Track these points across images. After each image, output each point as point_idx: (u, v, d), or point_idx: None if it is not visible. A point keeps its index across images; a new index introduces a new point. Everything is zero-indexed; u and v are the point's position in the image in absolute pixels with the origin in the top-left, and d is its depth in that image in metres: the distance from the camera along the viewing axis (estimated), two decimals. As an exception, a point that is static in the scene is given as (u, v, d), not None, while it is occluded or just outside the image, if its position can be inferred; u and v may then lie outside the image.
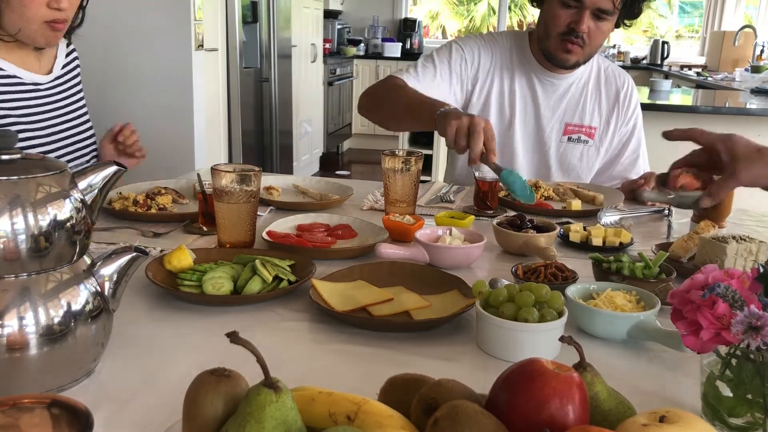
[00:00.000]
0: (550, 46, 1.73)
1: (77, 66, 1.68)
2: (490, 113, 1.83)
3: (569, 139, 1.85)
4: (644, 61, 7.05)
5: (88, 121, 1.67)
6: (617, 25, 1.75)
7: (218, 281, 1.03)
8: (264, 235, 1.25)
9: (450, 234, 1.24)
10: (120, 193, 1.50)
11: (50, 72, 1.57)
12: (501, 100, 1.84)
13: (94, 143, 1.67)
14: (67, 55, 1.63)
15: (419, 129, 1.64)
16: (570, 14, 1.65)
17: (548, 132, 1.84)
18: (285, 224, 1.35)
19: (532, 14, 9.64)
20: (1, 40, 1.40)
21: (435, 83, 1.77)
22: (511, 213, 1.52)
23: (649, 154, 1.93)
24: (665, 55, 6.85)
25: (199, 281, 1.03)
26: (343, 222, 1.38)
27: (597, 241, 1.31)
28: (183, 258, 1.07)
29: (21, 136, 1.46)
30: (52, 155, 1.52)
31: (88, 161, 1.63)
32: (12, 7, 1.32)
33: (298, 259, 1.13)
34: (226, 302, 1.02)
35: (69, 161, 1.57)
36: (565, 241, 1.34)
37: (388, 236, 1.30)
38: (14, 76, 1.47)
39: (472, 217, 1.39)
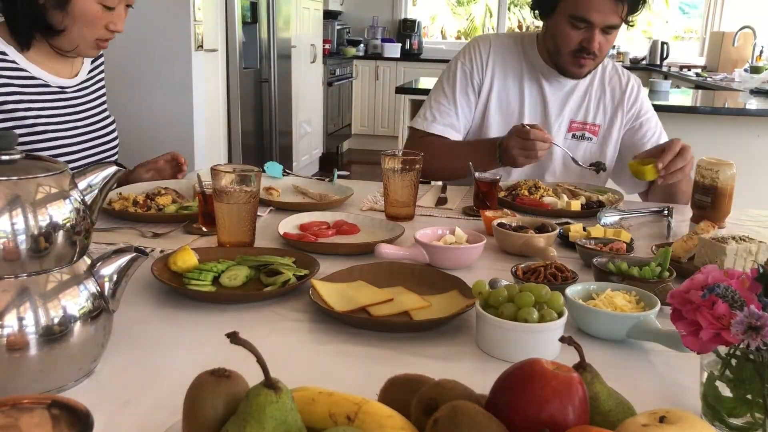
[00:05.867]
0: (562, 62, 1.76)
1: (102, 71, 1.73)
2: (492, 112, 1.87)
3: (573, 136, 1.87)
4: (644, 62, 7.05)
5: (111, 123, 1.71)
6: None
7: (233, 273, 1.07)
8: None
9: (450, 234, 1.24)
10: (120, 193, 1.50)
11: (76, 75, 1.61)
12: (506, 99, 1.87)
13: (117, 146, 1.71)
14: (93, 60, 1.67)
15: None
16: (580, 33, 1.68)
17: (555, 129, 1.86)
18: (290, 223, 1.37)
19: (532, 14, 9.62)
20: (56, 52, 1.51)
21: (456, 117, 1.85)
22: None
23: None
24: (665, 55, 6.86)
25: (207, 279, 1.04)
26: (343, 218, 1.41)
27: (597, 242, 1.31)
28: (188, 258, 1.08)
29: (48, 136, 1.51)
30: (76, 157, 1.56)
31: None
32: (78, 26, 1.43)
33: (299, 256, 1.14)
34: (239, 299, 1.03)
35: (93, 163, 1.59)
36: (564, 241, 1.34)
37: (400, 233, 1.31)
38: (40, 79, 1.52)
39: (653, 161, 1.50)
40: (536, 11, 1.81)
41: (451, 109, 1.86)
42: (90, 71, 1.66)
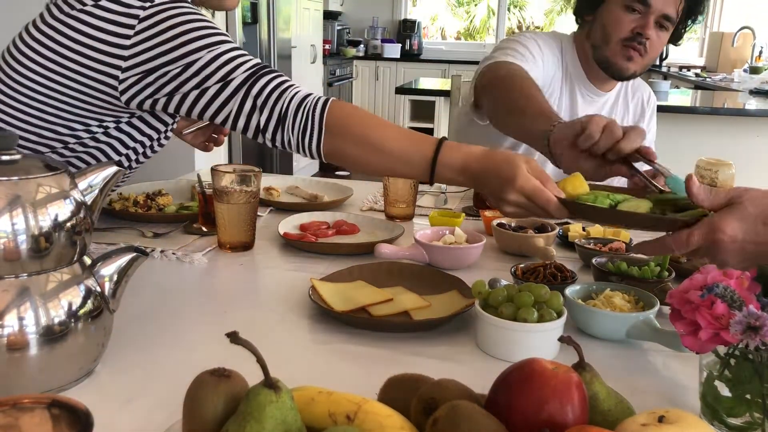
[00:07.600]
0: (609, 53, 1.63)
1: None
2: None
3: None
4: (643, 62, 7.04)
5: None
6: (671, 41, 1.70)
7: (632, 204, 0.90)
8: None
9: (450, 234, 1.24)
10: (120, 193, 1.50)
11: None
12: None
13: None
14: None
15: (525, 139, 1.35)
16: (635, 19, 1.59)
17: None
18: (290, 223, 1.36)
19: (531, 16, 9.61)
20: None
21: (536, 67, 1.61)
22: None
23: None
24: (664, 55, 6.84)
25: (603, 203, 0.88)
26: (343, 218, 1.41)
27: (596, 242, 1.31)
28: (579, 185, 0.94)
29: None
30: None
31: None
32: None
33: None
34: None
35: None
36: (564, 241, 1.34)
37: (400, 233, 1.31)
38: None
39: (463, 215, 1.41)
40: (580, 8, 1.70)
41: (528, 57, 1.60)
42: None
